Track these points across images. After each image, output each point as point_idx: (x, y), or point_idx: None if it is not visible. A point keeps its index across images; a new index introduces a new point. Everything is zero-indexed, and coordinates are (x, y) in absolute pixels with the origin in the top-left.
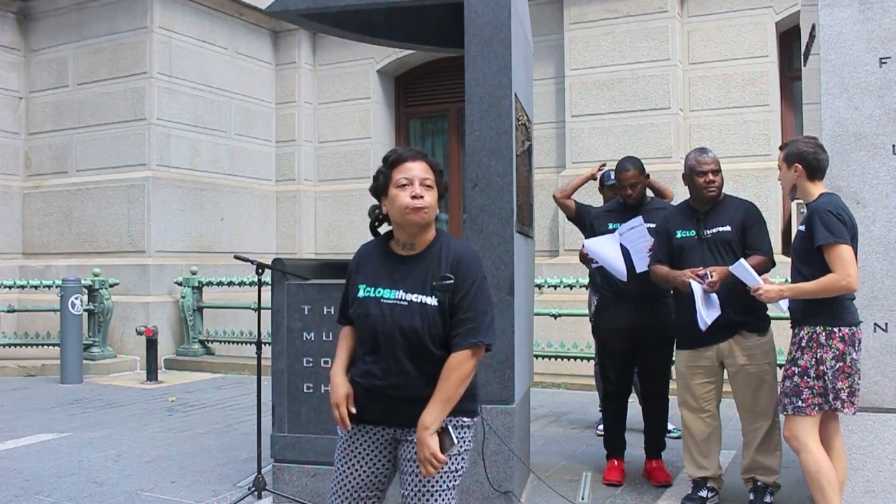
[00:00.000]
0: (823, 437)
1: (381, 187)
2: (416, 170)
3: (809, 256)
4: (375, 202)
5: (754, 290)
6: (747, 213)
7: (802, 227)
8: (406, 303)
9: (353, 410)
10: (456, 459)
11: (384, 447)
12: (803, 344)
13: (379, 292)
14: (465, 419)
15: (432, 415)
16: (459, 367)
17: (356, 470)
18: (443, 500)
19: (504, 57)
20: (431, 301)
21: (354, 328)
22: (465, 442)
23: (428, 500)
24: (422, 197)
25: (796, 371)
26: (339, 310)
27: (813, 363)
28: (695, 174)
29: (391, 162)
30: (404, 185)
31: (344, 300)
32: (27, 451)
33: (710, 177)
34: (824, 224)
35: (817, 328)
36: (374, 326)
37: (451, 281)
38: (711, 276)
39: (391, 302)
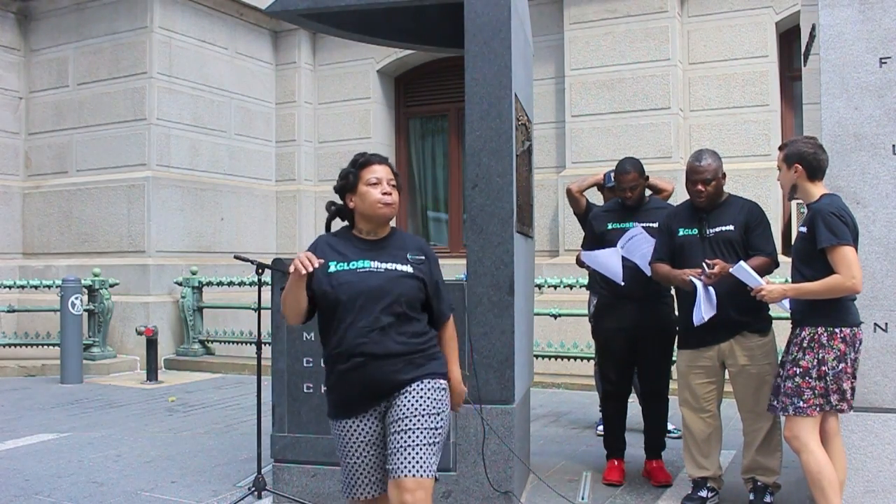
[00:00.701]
0: (823, 437)
1: (349, 185)
2: (382, 171)
3: (810, 257)
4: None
5: (756, 290)
6: (751, 213)
7: (803, 229)
8: (382, 270)
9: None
10: (436, 419)
11: (377, 433)
12: (805, 344)
13: (353, 265)
14: (442, 381)
15: (458, 370)
16: (454, 331)
17: (360, 459)
18: (425, 453)
19: (504, 57)
20: (407, 269)
21: (317, 305)
22: (444, 404)
23: (412, 453)
24: (390, 194)
25: (798, 371)
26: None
27: (815, 364)
28: (688, 181)
29: (360, 164)
30: (375, 184)
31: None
32: (27, 451)
33: (699, 187)
34: (827, 226)
35: (819, 329)
36: (353, 290)
37: (424, 258)
38: (713, 268)
39: (367, 270)
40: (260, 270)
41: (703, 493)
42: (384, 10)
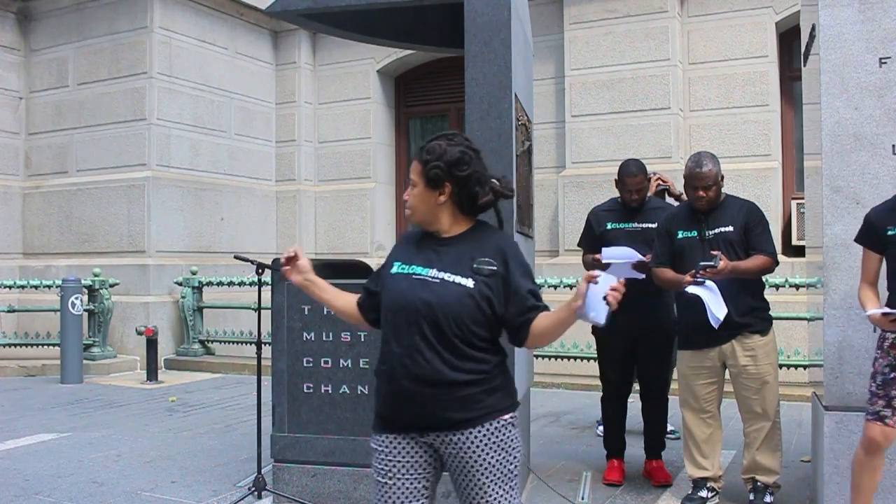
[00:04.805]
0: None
1: None
2: (411, 172)
3: None
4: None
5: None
6: (750, 213)
7: None
8: (438, 280)
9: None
10: (510, 460)
11: (425, 454)
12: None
13: (413, 269)
14: (506, 416)
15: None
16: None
17: (400, 484)
18: None
19: (504, 57)
20: (466, 282)
21: (376, 309)
22: (516, 446)
23: None
24: (406, 200)
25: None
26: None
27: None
28: (688, 186)
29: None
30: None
31: (372, 278)
32: (27, 451)
33: (701, 192)
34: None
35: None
36: (401, 300)
37: (494, 267)
38: (718, 261)
39: (421, 278)
40: (260, 270)
41: (703, 494)
42: (384, 10)
